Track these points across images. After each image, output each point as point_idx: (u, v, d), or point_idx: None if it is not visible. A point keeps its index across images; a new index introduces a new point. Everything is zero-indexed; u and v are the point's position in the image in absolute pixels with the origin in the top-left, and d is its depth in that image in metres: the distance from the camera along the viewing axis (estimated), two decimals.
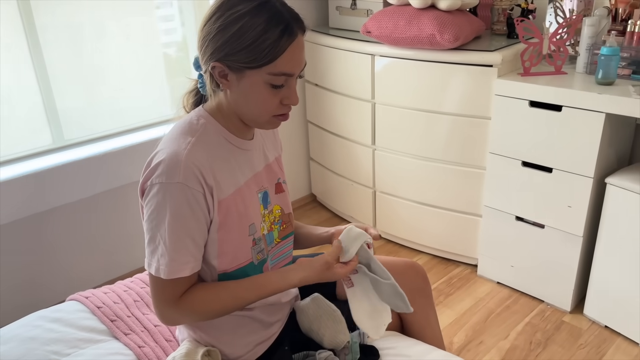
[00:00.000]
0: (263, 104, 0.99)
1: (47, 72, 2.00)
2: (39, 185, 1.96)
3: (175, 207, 0.95)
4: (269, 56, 0.93)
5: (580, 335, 1.95)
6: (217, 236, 1.02)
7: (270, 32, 0.92)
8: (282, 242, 1.17)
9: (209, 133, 1.03)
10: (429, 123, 2.20)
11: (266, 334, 1.16)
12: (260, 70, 0.95)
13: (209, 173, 0.98)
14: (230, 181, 1.03)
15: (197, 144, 0.99)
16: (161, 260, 0.97)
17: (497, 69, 1.97)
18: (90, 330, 1.26)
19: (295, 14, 0.97)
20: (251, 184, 1.09)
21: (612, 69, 1.79)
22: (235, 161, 1.05)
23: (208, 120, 1.04)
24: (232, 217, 1.03)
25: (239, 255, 1.06)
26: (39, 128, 2.04)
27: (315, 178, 2.96)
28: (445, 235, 2.36)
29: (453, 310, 2.11)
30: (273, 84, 0.96)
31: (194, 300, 1.01)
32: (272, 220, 1.13)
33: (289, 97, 1.00)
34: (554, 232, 1.98)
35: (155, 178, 0.96)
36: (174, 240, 0.96)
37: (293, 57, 0.95)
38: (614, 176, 1.82)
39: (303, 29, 0.97)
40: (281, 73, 0.95)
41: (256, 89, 0.97)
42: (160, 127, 2.36)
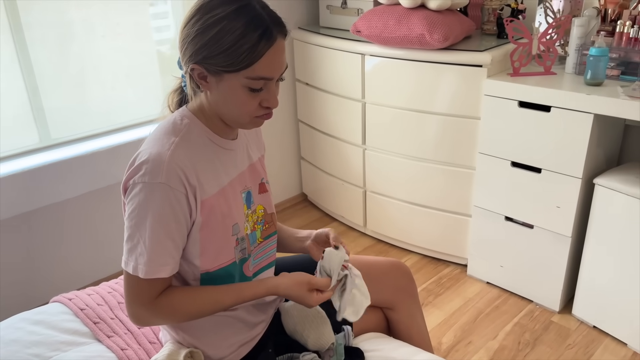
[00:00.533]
0: (242, 107, 0.98)
1: (33, 71, 1.98)
2: (25, 185, 1.94)
3: (157, 207, 0.94)
4: (247, 61, 0.92)
5: (568, 335, 1.95)
6: (199, 236, 1.01)
7: (248, 37, 0.91)
8: (265, 242, 1.17)
9: (193, 133, 1.02)
10: (419, 123, 2.19)
11: (250, 335, 1.16)
12: (238, 74, 0.94)
13: (192, 173, 0.98)
14: (213, 181, 1.02)
15: (181, 144, 0.99)
16: (140, 259, 0.96)
17: (486, 69, 1.97)
18: (72, 332, 1.25)
19: (275, 17, 0.95)
20: (235, 183, 1.08)
21: (601, 70, 1.79)
22: (219, 161, 1.05)
23: (192, 120, 1.03)
24: (215, 217, 1.02)
25: (221, 254, 1.05)
26: (26, 127, 2.02)
27: (306, 177, 2.95)
28: (435, 235, 2.36)
29: (442, 311, 2.11)
30: (251, 88, 0.95)
31: (170, 302, 1.01)
32: (255, 220, 1.13)
33: (268, 100, 0.99)
34: (543, 232, 1.98)
35: (138, 177, 0.95)
36: (154, 241, 0.95)
37: (272, 61, 0.94)
38: (603, 177, 1.83)
39: (284, 33, 0.96)
40: (259, 77, 0.94)
41: (234, 92, 0.96)
42: (151, 125, 2.33)
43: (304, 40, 2.54)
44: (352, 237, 2.67)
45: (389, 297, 1.33)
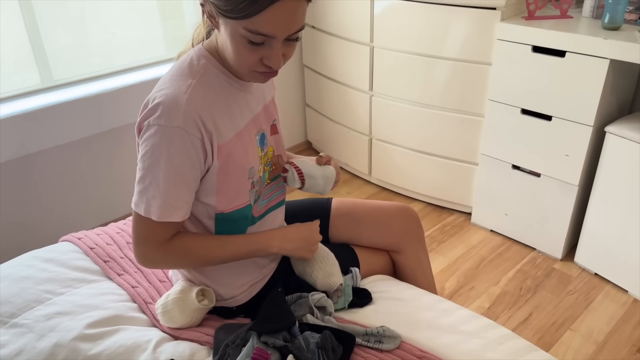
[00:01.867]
0: (241, 57, 0.92)
1: (33, 11, 1.92)
2: (28, 127, 1.92)
3: (172, 151, 0.93)
4: (245, 11, 0.84)
5: (569, 282, 1.98)
6: (215, 179, 1.01)
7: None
8: (272, 183, 1.17)
9: (210, 74, 0.99)
10: (428, 68, 2.14)
11: (260, 275, 1.17)
12: (237, 23, 0.87)
13: (209, 118, 0.96)
14: (230, 125, 1.01)
15: (198, 87, 0.96)
16: (152, 202, 0.95)
17: (500, 11, 1.90)
18: (83, 270, 1.26)
19: None
20: (250, 126, 1.07)
21: (620, 14, 1.73)
22: (235, 104, 1.03)
23: (209, 60, 1.00)
24: (232, 161, 1.01)
25: (237, 197, 1.05)
26: (27, 68, 1.98)
27: (311, 125, 2.92)
28: (441, 183, 2.35)
29: (445, 257, 2.13)
30: (250, 40, 0.88)
31: (181, 245, 1.01)
32: (265, 162, 1.12)
33: (269, 59, 0.92)
34: (550, 181, 1.98)
35: (153, 119, 0.93)
36: (168, 184, 0.94)
37: (275, 18, 0.85)
38: (614, 125, 1.80)
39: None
40: (257, 32, 0.87)
41: (235, 40, 0.90)
42: (153, 68, 2.29)
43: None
44: (356, 184, 2.67)
45: (396, 240, 1.34)
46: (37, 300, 1.14)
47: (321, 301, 1.15)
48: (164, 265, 1.09)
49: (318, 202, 1.37)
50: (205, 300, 1.11)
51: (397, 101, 2.31)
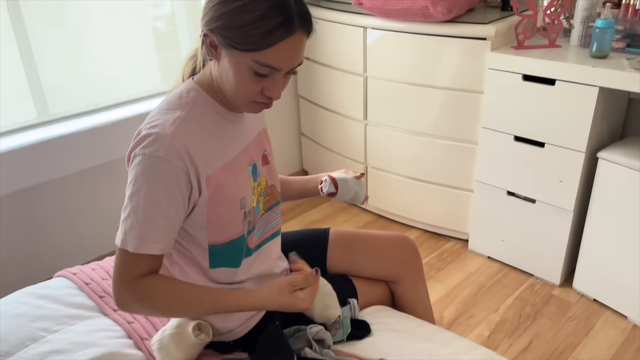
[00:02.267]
0: (243, 88, 0.95)
1: (30, 46, 1.95)
2: (24, 161, 1.92)
3: (152, 181, 0.93)
4: (258, 44, 0.89)
5: (569, 308, 1.97)
6: (205, 210, 1.00)
7: (266, 21, 0.88)
8: (267, 214, 1.17)
9: (199, 106, 1.00)
10: (422, 97, 2.17)
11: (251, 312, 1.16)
12: (247, 55, 0.91)
13: (196, 150, 0.96)
14: (219, 156, 1.01)
15: (186, 119, 0.97)
16: (129, 232, 0.94)
17: (490, 42, 1.94)
18: (78, 306, 1.25)
19: (303, 12, 0.92)
20: (241, 157, 1.07)
21: (607, 42, 1.77)
22: (225, 135, 1.04)
23: (198, 93, 1.02)
24: (222, 191, 1.01)
25: (230, 228, 1.05)
26: (23, 102, 2.00)
27: (307, 153, 2.94)
28: (437, 210, 2.36)
29: (444, 285, 2.12)
30: (256, 72, 0.92)
31: (148, 285, 0.97)
32: (259, 192, 1.13)
33: (270, 90, 0.96)
34: (545, 206, 1.99)
35: (139, 149, 0.94)
36: (146, 215, 0.93)
37: (284, 53, 0.91)
38: (606, 150, 1.82)
39: (307, 30, 0.93)
40: (266, 64, 0.91)
41: (239, 71, 0.93)
42: (149, 101, 2.31)
43: None
44: (353, 212, 2.67)
45: (395, 270, 1.33)
46: (32, 338, 1.13)
47: (319, 334, 1.14)
48: (132, 307, 0.99)
49: (315, 233, 1.38)
50: (202, 335, 1.09)
51: (392, 130, 2.33)
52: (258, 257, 1.14)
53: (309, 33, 0.94)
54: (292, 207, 2.70)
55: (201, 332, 1.10)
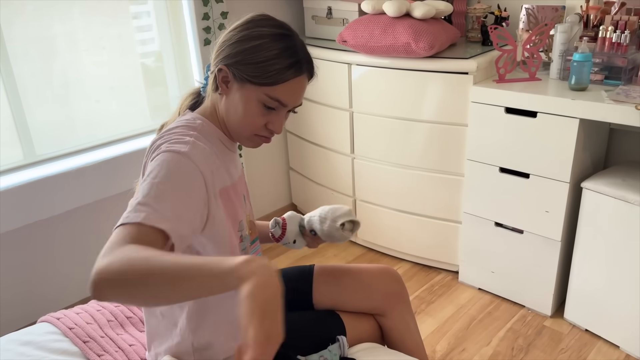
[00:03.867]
0: (250, 119, 1.02)
1: (16, 86, 1.95)
2: (9, 203, 1.90)
3: (172, 170, 0.90)
4: (272, 79, 0.98)
5: (561, 339, 1.96)
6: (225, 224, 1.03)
7: (281, 60, 0.98)
8: (251, 247, 1.18)
9: (205, 132, 1.05)
10: (407, 131, 2.20)
11: None
12: (260, 89, 0.99)
13: (208, 165, 0.98)
14: (223, 177, 1.05)
15: (199, 138, 1.01)
16: (139, 207, 0.83)
17: (472, 76, 1.98)
18: (62, 352, 1.22)
19: (309, 58, 1.04)
20: (237, 185, 1.12)
21: (585, 75, 1.82)
22: (227, 161, 1.09)
23: (204, 122, 1.07)
24: (230, 208, 1.05)
25: (230, 250, 1.05)
26: (9, 143, 1.99)
27: (296, 188, 2.94)
28: (426, 242, 2.36)
29: (435, 318, 2.10)
30: (266, 105, 1.01)
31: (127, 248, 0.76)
32: (248, 224, 1.16)
33: (274, 124, 1.04)
34: (533, 237, 1.99)
35: (165, 146, 0.94)
36: (162, 194, 0.86)
37: (292, 90, 1.01)
38: (590, 180, 1.84)
39: (311, 74, 1.05)
40: (276, 99, 1.00)
41: (249, 103, 1.01)
42: (139, 139, 2.31)
43: None
44: (342, 246, 2.66)
45: (380, 303, 1.33)
46: None
47: None
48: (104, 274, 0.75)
49: (300, 270, 1.37)
50: None
51: (379, 163, 2.35)
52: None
53: (311, 77, 1.07)
54: None
55: None
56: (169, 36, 2.40)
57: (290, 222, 1.33)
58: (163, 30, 2.38)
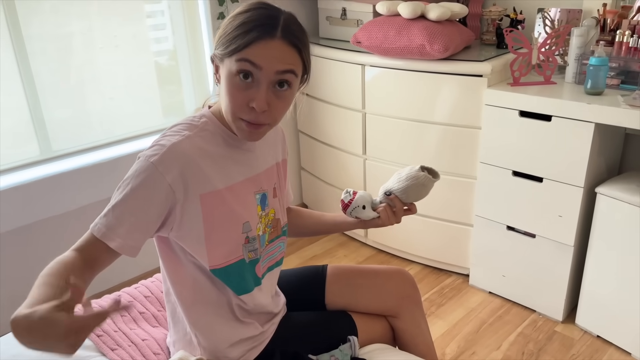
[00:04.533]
0: (231, 97, 0.97)
1: (34, 83, 1.98)
2: (26, 198, 1.93)
3: (137, 182, 0.96)
4: (237, 42, 0.95)
5: (572, 345, 1.94)
6: (202, 225, 1.02)
7: (245, 24, 0.95)
8: (270, 245, 1.17)
9: (208, 130, 1.05)
10: (420, 133, 2.20)
11: (257, 340, 1.16)
12: (232, 58, 0.96)
13: (193, 166, 0.99)
14: (220, 177, 1.04)
15: (192, 138, 1.02)
16: (102, 220, 0.97)
17: (486, 79, 1.98)
18: None
19: (289, 27, 0.97)
20: (248, 183, 1.10)
21: (601, 79, 1.80)
22: (231, 159, 1.07)
23: (210, 119, 1.06)
24: (220, 212, 1.03)
25: (229, 251, 1.06)
26: (26, 139, 2.02)
27: (307, 187, 2.95)
28: (437, 245, 2.35)
29: (445, 321, 2.10)
30: (240, 72, 0.95)
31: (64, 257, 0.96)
32: (266, 223, 1.14)
33: (255, 100, 0.96)
34: (545, 241, 1.98)
35: (144, 151, 1.00)
36: (121, 212, 0.96)
37: (263, 51, 0.94)
38: (604, 185, 1.83)
39: (291, 41, 0.97)
40: (245, 59, 0.94)
41: (228, 78, 0.98)
42: (153, 137, 2.33)
43: None
44: (353, 247, 2.66)
45: (393, 304, 1.33)
46: None
47: None
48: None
49: (313, 270, 1.37)
50: None
51: (391, 164, 2.35)
52: (261, 287, 1.15)
53: (296, 47, 0.98)
54: (292, 242, 2.69)
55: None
56: (184, 35, 2.41)
57: (362, 193, 1.23)
58: (178, 29, 2.40)
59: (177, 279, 1.09)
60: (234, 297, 1.11)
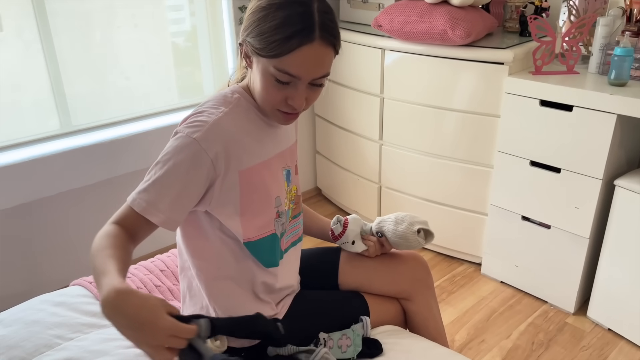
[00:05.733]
0: (267, 94, 0.99)
1: (56, 58, 2.00)
2: (46, 170, 1.96)
3: (180, 159, 0.96)
4: (276, 50, 0.93)
5: (582, 337, 1.94)
6: (238, 199, 1.03)
7: (283, 29, 0.92)
8: (293, 221, 1.20)
9: (242, 106, 1.06)
10: (438, 119, 2.19)
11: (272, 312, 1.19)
12: (269, 62, 0.95)
13: (233, 142, 1.00)
14: (257, 153, 1.06)
15: (229, 114, 1.02)
16: (142, 194, 0.96)
17: (508, 66, 1.95)
18: (93, 315, 1.27)
19: (326, 24, 0.94)
20: (277, 160, 1.12)
21: (625, 70, 1.77)
22: (264, 136, 1.08)
23: (242, 95, 1.07)
24: (257, 186, 1.05)
25: (263, 225, 1.08)
26: (47, 113, 2.04)
27: (321, 172, 2.95)
28: (450, 233, 2.35)
29: (455, 308, 2.11)
30: (277, 79, 0.96)
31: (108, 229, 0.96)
32: (290, 199, 1.17)
33: (293, 99, 0.98)
34: (560, 233, 1.97)
35: (182, 127, 0.99)
36: (163, 186, 0.96)
37: (303, 61, 0.93)
38: (623, 178, 1.81)
39: (329, 42, 0.95)
40: (285, 71, 0.94)
41: (264, 77, 0.98)
42: (168, 115, 2.35)
43: None
44: None
45: (406, 287, 1.33)
46: (47, 345, 1.14)
47: (325, 357, 1.13)
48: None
49: (327, 250, 1.39)
50: (218, 342, 1.10)
51: (407, 150, 2.34)
52: (284, 261, 1.17)
53: (333, 46, 0.97)
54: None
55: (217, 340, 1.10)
56: (205, 18, 2.41)
57: (353, 222, 1.30)
58: (199, 11, 2.40)
59: (200, 254, 1.11)
60: (259, 273, 1.12)
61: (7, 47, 1.89)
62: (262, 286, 1.14)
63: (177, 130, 1.00)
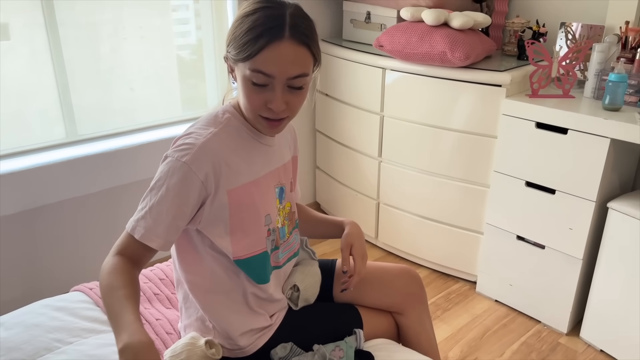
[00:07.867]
0: (247, 100, 1.02)
1: (65, 68, 2.05)
2: (50, 178, 2.00)
3: (172, 183, 1.00)
4: (247, 51, 0.96)
5: (575, 357, 1.96)
6: (227, 218, 1.06)
7: (252, 30, 0.96)
8: (290, 237, 1.23)
9: (232, 126, 1.09)
10: (436, 138, 2.23)
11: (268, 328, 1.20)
12: (244, 65, 0.98)
13: (222, 162, 1.03)
14: (246, 172, 1.08)
15: (218, 135, 1.05)
16: (140, 221, 1.01)
17: (505, 89, 2.00)
18: (92, 320, 1.29)
19: (296, 24, 0.97)
20: (269, 177, 1.14)
21: (620, 96, 1.82)
22: (255, 154, 1.11)
23: (233, 115, 1.10)
24: (246, 205, 1.07)
25: (253, 243, 1.10)
26: (54, 122, 2.09)
27: (320, 186, 2.99)
28: (446, 250, 2.38)
29: (449, 326, 2.12)
30: (253, 82, 0.99)
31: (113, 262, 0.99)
32: (284, 216, 1.19)
33: (272, 101, 1.00)
34: (554, 253, 2.00)
35: (171, 151, 1.03)
36: (159, 212, 1.00)
37: (274, 58, 0.96)
38: (616, 201, 1.84)
39: (300, 40, 0.97)
40: (258, 71, 0.97)
41: (243, 83, 1.01)
42: (171, 127, 2.39)
43: (327, 53, 2.59)
44: None
45: (399, 301, 1.36)
46: (47, 348, 1.17)
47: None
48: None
49: (322, 263, 1.41)
50: (213, 350, 1.12)
51: (405, 168, 2.38)
52: (277, 275, 1.20)
53: (307, 45, 0.98)
54: None
55: (212, 348, 1.13)
56: (211, 31, 2.47)
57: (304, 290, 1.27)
58: (205, 25, 2.45)
59: (192, 269, 1.14)
60: (249, 286, 1.15)
61: (16, 56, 1.94)
62: (255, 299, 1.17)
63: (166, 155, 1.03)
